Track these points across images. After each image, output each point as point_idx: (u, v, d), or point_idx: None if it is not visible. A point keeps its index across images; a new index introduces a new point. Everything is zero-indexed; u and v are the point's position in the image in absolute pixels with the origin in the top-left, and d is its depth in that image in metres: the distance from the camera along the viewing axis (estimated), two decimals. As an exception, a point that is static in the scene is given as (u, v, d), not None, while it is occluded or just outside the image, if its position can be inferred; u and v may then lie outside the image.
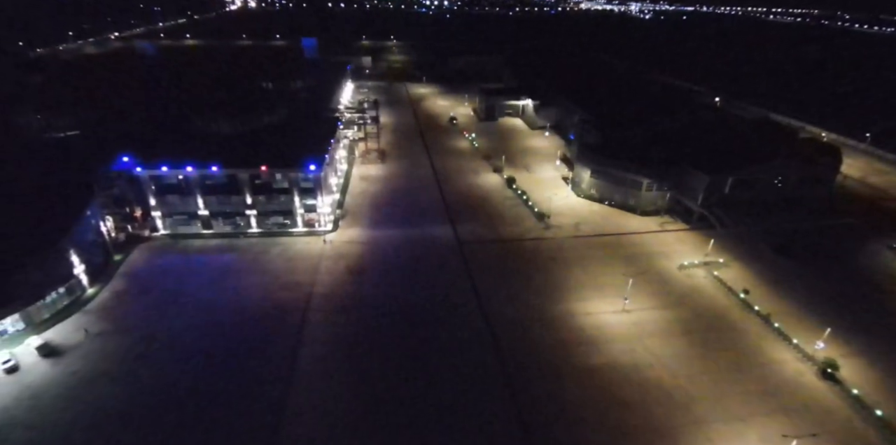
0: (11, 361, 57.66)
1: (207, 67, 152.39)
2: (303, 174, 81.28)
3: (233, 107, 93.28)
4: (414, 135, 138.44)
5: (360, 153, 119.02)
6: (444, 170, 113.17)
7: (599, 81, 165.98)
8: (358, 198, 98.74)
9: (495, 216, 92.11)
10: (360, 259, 78.01)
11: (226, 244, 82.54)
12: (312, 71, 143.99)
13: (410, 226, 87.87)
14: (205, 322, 63.68)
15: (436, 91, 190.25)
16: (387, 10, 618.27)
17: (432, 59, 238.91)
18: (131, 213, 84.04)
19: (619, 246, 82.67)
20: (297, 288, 70.61)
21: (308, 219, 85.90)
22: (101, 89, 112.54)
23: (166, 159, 79.40)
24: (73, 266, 68.80)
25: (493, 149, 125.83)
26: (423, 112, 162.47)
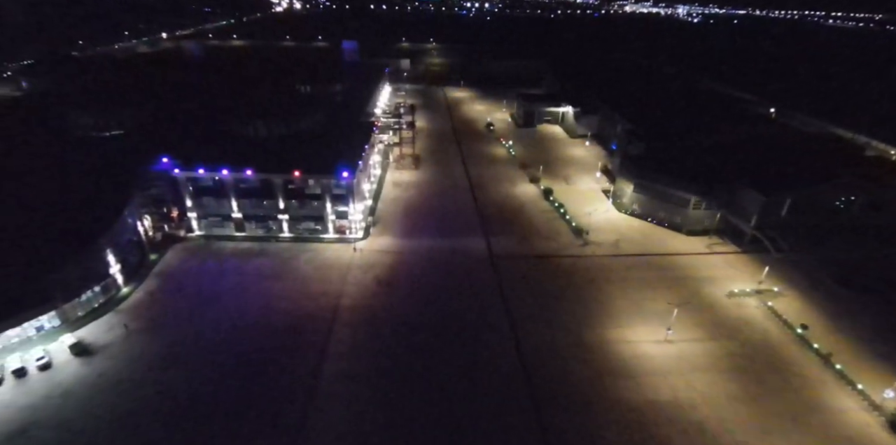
0: (45, 358, 58.70)
1: (249, 69, 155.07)
2: (335, 180, 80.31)
3: (270, 111, 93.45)
4: (449, 140, 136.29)
5: (395, 158, 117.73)
6: (479, 179, 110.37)
7: (644, 89, 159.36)
8: (390, 205, 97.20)
9: (530, 229, 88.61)
10: (389, 269, 76.18)
11: (257, 248, 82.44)
12: (351, 74, 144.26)
13: (442, 237, 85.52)
14: (232, 329, 63.20)
15: (473, 95, 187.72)
16: (427, 12, 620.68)
17: (471, 62, 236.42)
18: (168, 213, 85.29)
19: (663, 267, 77.70)
20: (324, 298, 69.37)
21: (339, 225, 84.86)
22: (146, 89, 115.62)
23: (203, 162, 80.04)
24: (109, 265, 69.88)
25: (531, 157, 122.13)
26: (459, 117, 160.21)
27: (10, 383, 56.14)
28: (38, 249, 64.57)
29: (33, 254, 63.67)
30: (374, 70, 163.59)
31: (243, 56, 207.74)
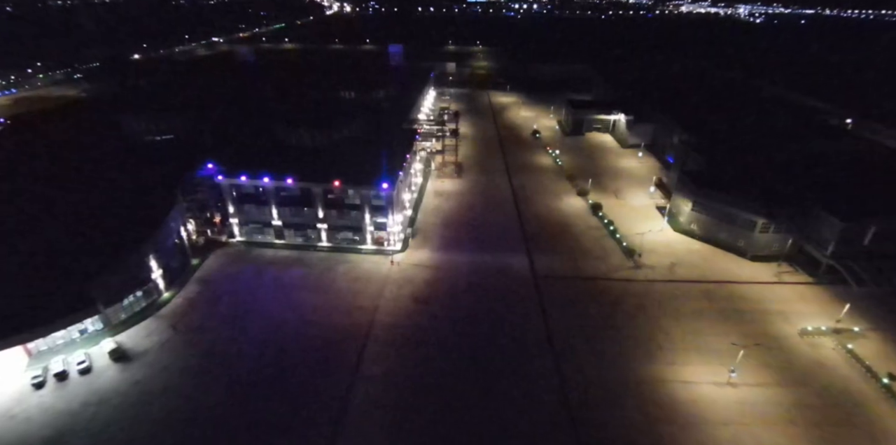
0: (86, 363, 59.59)
1: (296, 75, 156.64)
2: (375, 191, 78.35)
3: (314, 119, 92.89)
4: (494, 148, 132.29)
5: (437, 166, 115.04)
6: (524, 190, 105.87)
7: (704, 96, 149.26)
8: (430, 216, 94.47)
9: (577, 247, 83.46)
10: (426, 286, 73.31)
11: (295, 256, 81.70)
12: (396, 78, 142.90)
13: (483, 252, 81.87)
14: (266, 342, 62.20)
15: (519, 100, 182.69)
16: (474, 14, 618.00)
17: (517, 65, 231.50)
18: (211, 218, 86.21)
19: (724, 297, 70.80)
20: (359, 313, 67.32)
21: (377, 236, 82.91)
22: (196, 94, 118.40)
23: (246, 169, 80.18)
24: (151, 269, 70.67)
25: (579, 168, 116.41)
26: (504, 123, 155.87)
27: (52, 386, 57.18)
28: (85, 252, 66.01)
29: (80, 257, 65.12)
30: (419, 74, 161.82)
31: (292, 60, 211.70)
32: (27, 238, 68.54)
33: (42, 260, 65.07)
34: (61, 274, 62.81)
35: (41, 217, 72.65)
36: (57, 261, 64.71)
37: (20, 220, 72.08)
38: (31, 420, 52.45)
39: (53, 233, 69.49)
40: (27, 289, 61.18)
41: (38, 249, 66.69)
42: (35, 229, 70.19)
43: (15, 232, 69.76)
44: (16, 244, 67.42)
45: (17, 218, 72.61)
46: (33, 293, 60.95)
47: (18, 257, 65.24)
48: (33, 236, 68.95)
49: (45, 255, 65.70)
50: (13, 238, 68.53)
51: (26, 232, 69.66)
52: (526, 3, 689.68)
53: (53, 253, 66.07)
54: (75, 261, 64.40)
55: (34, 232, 69.56)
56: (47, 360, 60.53)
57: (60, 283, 61.64)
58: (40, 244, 67.60)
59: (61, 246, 67.15)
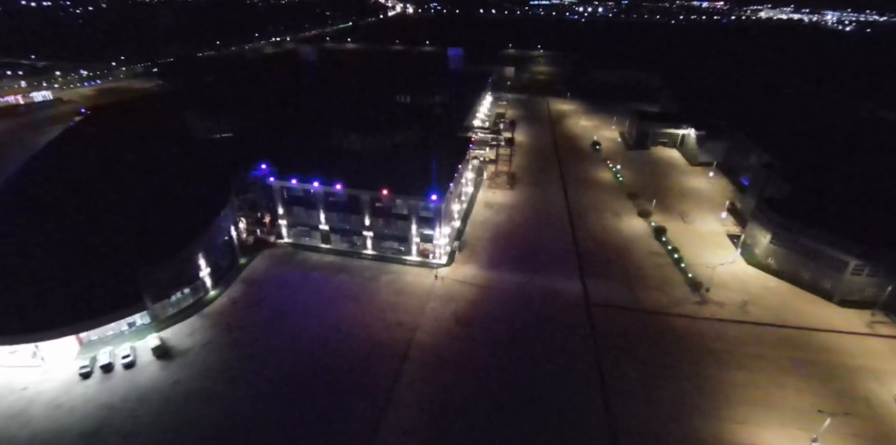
0: (130, 357, 60.51)
1: (356, 75, 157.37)
2: (423, 203, 75.52)
3: (367, 124, 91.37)
4: (550, 159, 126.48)
5: (489, 175, 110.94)
6: (580, 206, 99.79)
7: (788, 113, 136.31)
8: (479, 228, 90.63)
9: (636, 275, 76.94)
10: (470, 305, 69.58)
11: (339, 262, 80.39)
12: (453, 83, 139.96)
13: (533, 272, 77.10)
14: (303, 352, 60.78)
15: (580, 108, 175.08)
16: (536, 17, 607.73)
17: (579, 72, 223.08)
18: (262, 219, 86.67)
19: (805, 346, 62.40)
20: (399, 329, 64.62)
21: (423, 248, 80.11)
22: (257, 94, 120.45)
23: (297, 172, 79.79)
24: (200, 268, 71.26)
25: (642, 185, 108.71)
26: (562, 132, 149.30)
27: (97, 377, 58.33)
28: (139, 245, 67.32)
29: (133, 250, 66.43)
30: (476, 79, 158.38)
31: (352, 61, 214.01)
32: (85, 229, 70.89)
33: (98, 251, 66.90)
34: (114, 266, 64.16)
35: (101, 209, 75.01)
36: (111, 253, 66.34)
37: (81, 211, 74.76)
38: (74, 412, 53.41)
39: (111, 225, 71.50)
40: (81, 281, 63.01)
41: (95, 241, 68.70)
42: (94, 220, 72.50)
43: (75, 222, 72.37)
44: (74, 235, 69.81)
45: (78, 209, 75.36)
46: (87, 285, 62.69)
47: (76, 248, 67.40)
48: (91, 227, 71.22)
49: (100, 247, 67.53)
50: (73, 229, 71.05)
51: (86, 223, 72.09)
52: (591, 6, 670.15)
53: (109, 244, 67.82)
54: (129, 255, 65.71)
55: (93, 224, 71.84)
56: (96, 350, 61.99)
57: (113, 276, 62.94)
58: (97, 235, 69.65)
59: (117, 238, 68.87)
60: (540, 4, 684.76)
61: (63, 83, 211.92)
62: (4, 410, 53.57)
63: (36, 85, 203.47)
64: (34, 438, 50.23)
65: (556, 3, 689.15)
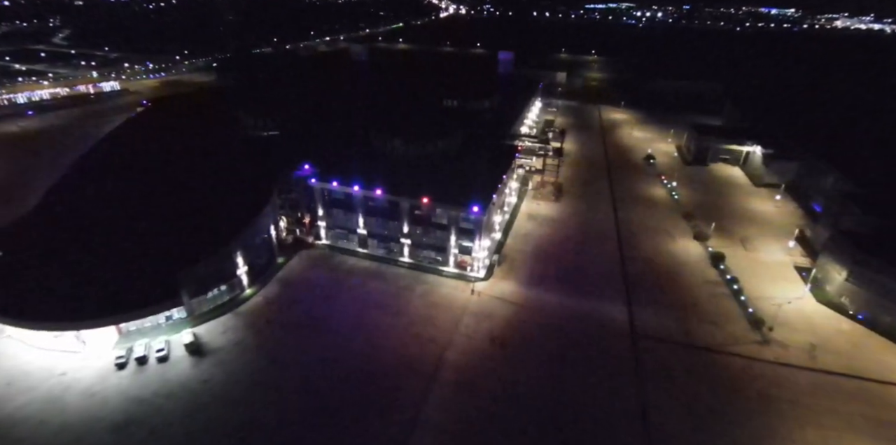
0: (164, 351, 61.03)
1: (404, 76, 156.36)
2: (464, 214, 72.59)
3: (412, 129, 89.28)
4: (599, 170, 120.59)
5: (535, 186, 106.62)
6: (630, 224, 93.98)
7: (868, 133, 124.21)
8: (520, 242, 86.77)
9: (689, 305, 71.00)
10: (506, 325, 66.10)
11: (375, 269, 78.81)
12: (502, 88, 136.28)
13: (575, 293, 72.67)
14: (331, 361, 59.51)
15: (634, 118, 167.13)
16: (592, 21, 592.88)
17: (635, 79, 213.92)
18: (301, 219, 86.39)
19: (885, 403, 55.07)
20: (431, 345, 62.06)
21: (461, 260, 77.22)
22: (306, 92, 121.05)
23: (338, 175, 78.95)
24: (238, 266, 71.36)
25: (699, 205, 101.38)
26: (614, 143, 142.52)
27: (132, 369, 59.07)
28: (180, 240, 68.00)
29: (175, 244, 67.17)
30: (526, 85, 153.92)
31: (401, 62, 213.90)
32: (133, 220, 72.42)
33: (142, 243, 68.11)
34: (157, 260, 64.99)
35: (150, 201, 76.57)
36: (155, 246, 67.35)
37: (131, 202, 76.57)
38: (106, 402, 54.07)
39: (157, 217, 72.80)
40: (125, 272, 64.16)
41: (140, 232, 70.04)
42: (139, 214, 74.02)
43: (124, 213, 74.12)
44: (122, 226, 71.43)
45: (129, 200, 77.22)
46: (129, 277, 63.76)
47: (122, 238, 68.87)
48: (136, 221, 72.68)
49: (145, 238, 68.77)
50: (121, 219, 72.76)
51: (134, 214, 73.68)
52: (649, 11, 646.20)
53: (153, 236, 68.96)
54: (171, 248, 66.54)
55: (138, 217, 73.33)
56: (133, 341, 62.97)
57: (154, 270, 63.69)
58: (143, 227, 70.98)
59: (162, 231, 69.98)
60: (595, 8, 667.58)
61: (131, 74, 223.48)
62: (43, 394, 54.93)
63: (106, 75, 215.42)
64: (66, 427, 51.03)
65: (612, 6, 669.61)
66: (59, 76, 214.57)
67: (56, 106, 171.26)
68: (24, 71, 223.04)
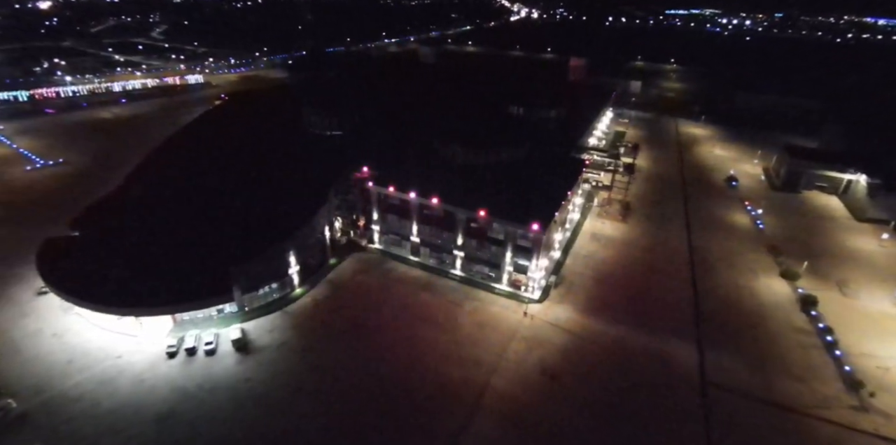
0: (213, 344, 61.76)
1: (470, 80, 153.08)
2: (522, 231, 68.18)
3: (475, 136, 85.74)
4: (673, 190, 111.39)
5: (600, 202, 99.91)
6: (705, 252, 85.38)
7: None
8: (580, 264, 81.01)
9: (771, 354, 62.58)
10: (559, 355, 61.16)
11: (425, 279, 76.30)
12: (573, 96, 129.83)
13: (639, 326, 66.32)
14: (372, 373, 57.65)
15: (715, 134, 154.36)
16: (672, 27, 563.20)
17: (718, 92, 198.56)
18: (356, 221, 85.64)
19: None
20: (475, 369, 58.47)
21: (515, 279, 72.94)
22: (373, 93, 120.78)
23: (396, 179, 77.24)
24: (290, 264, 71.29)
25: (788, 238, 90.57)
26: (691, 160, 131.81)
27: (181, 359, 60.29)
28: (237, 236, 68.75)
29: (232, 239, 67.95)
30: (598, 93, 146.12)
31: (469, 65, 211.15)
32: (194, 213, 74.30)
33: (202, 235, 69.57)
34: (214, 254, 65.93)
35: (212, 194, 78.39)
36: (213, 239, 68.54)
37: (194, 195, 78.72)
38: (154, 391, 55.16)
39: (217, 211, 74.27)
40: (184, 263, 65.62)
41: (201, 225, 71.63)
42: (203, 205, 75.85)
43: (187, 205, 76.28)
44: (185, 217, 73.43)
45: (192, 192, 79.46)
46: (187, 267, 65.13)
47: (183, 229, 70.69)
48: (200, 212, 74.50)
49: (205, 232, 70.22)
50: (184, 211, 74.86)
51: (195, 207, 75.62)
52: (737, 18, 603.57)
53: (212, 230, 70.31)
54: (229, 243, 67.44)
55: (202, 208, 75.15)
56: (185, 331, 64.28)
57: (211, 262, 64.55)
58: (205, 220, 72.58)
59: (221, 225, 71.25)
60: (677, 14, 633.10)
61: (214, 68, 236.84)
62: (98, 374, 56.92)
63: (192, 68, 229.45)
64: (114, 411, 52.38)
65: (695, 13, 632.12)
66: (151, 67, 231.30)
67: (145, 95, 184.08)
68: (122, 62, 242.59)
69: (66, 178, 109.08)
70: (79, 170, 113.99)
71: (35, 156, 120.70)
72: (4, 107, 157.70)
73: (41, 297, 68.28)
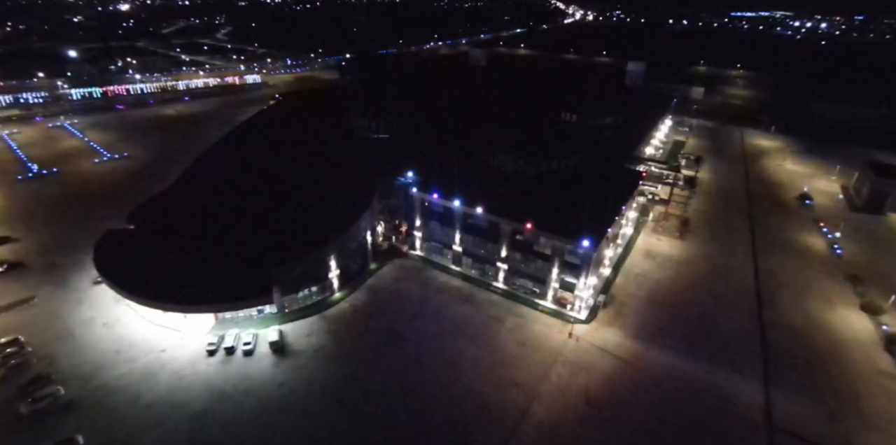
0: (251, 345, 61.93)
1: (521, 84, 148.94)
2: (572, 246, 64.17)
3: (524, 144, 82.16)
4: (737, 207, 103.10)
5: (656, 217, 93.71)
6: (774, 278, 77.88)
7: None
8: (633, 283, 75.84)
9: (850, 398, 55.55)
10: (606, 383, 56.87)
11: (466, 290, 73.77)
12: (629, 102, 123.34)
13: (696, 357, 60.80)
14: (408, 388, 55.66)
15: (785, 147, 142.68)
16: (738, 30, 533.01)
17: (788, 100, 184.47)
18: (398, 226, 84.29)
19: None
20: (513, 392, 55.27)
21: (561, 296, 69.01)
22: (422, 95, 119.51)
23: (439, 186, 75.19)
24: (331, 268, 70.74)
25: (870, 266, 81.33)
26: (758, 175, 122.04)
27: (220, 357, 60.68)
28: (283, 237, 68.79)
29: (277, 242, 67.98)
30: (657, 101, 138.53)
31: (520, 68, 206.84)
32: (241, 212, 75.11)
33: (247, 234, 70.09)
34: (257, 255, 66.12)
35: (259, 194, 79.14)
36: (257, 239, 68.88)
37: (242, 195, 79.70)
38: (191, 389, 55.62)
39: (264, 211, 74.80)
40: (228, 261, 66.22)
41: (247, 224, 72.26)
42: (250, 205, 76.61)
43: (235, 204, 77.26)
44: (232, 216, 74.35)
45: (240, 192, 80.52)
46: (232, 266, 65.67)
47: (230, 228, 71.50)
48: (246, 211, 75.25)
49: (250, 230, 70.73)
50: (231, 210, 75.84)
51: (242, 206, 76.46)
52: (811, 21, 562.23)
53: (257, 230, 70.70)
54: (272, 242, 67.62)
55: (249, 208, 75.90)
56: (226, 329, 64.91)
57: (254, 262, 64.76)
58: (250, 220, 73.20)
59: (266, 225, 71.59)
60: (743, 16, 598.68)
61: (271, 69, 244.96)
62: (142, 367, 58.21)
63: (251, 68, 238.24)
64: (152, 406, 53.16)
65: (764, 15, 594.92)
66: (214, 67, 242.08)
67: (206, 94, 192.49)
68: (188, 61, 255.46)
69: (130, 172, 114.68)
70: (141, 164, 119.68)
71: (103, 150, 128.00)
72: (81, 102, 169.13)
73: (97, 286, 71.07)
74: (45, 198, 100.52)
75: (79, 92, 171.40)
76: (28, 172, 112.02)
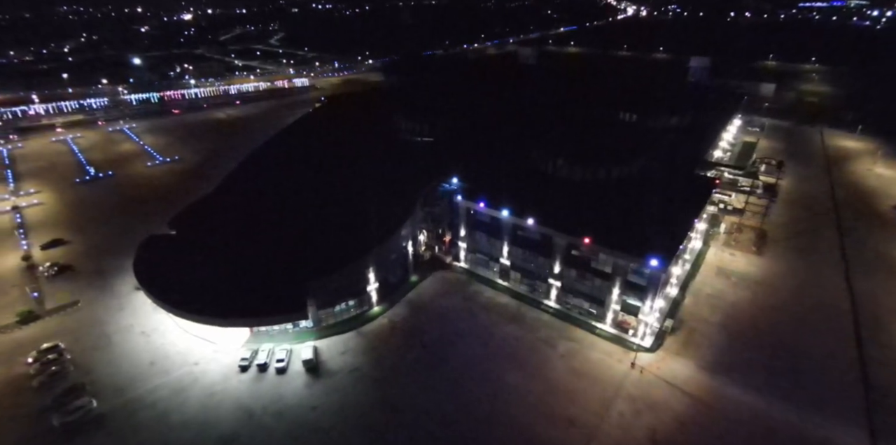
0: (284, 362, 58.76)
1: (574, 84, 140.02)
2: (637, 265, 56.67)
3: (580, 149, 74.91)
4: (822, 217, 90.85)
5: (729, 229, 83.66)
6: (873, 302, 66.75)
7: None
8: (704, 306, 67.03)
9: None
10: (676, 425, 49.25)
11: (514, 308, 67.73)
12: (694, 101, 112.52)
13: (783, 397, 51.95)
14: (448, 420, 50.42)
15: (877, 149, 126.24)
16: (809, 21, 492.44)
17: (875, 96, 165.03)
18: (442, 236, 79.33)
19: None
20: (569, 431, 48.83)
21: (622, 320, 61.59)
22: (469, 97, 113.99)
23: (487, 194, 69.45)
24: (369, 281, 66.83)
25: None
26: (845, 181, 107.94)
27: (251, 374, 57.99)
28: (321, 248, 65.52)
29: (315, 252, 64.84)
30: (727, 99, 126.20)
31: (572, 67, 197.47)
32: (281, 220, 72.57)
33: (285, 245, 67.33)
34: (293, 268, 63.14)
35: (301, 201, 76.44)
36: (296, 249, 65.96)
37: (284, 202, 77.31)
38: (221, 408, 53.21)
39: (304, 219, 71.94)
40: (265, 273, 63.50)
41: (286, 234, 69.54)
42: (291, 213, 73.96)
43: (276, 212, 74.87)
44: (272, 225, 71.89)
45: (282, 199, 78.17)
46: (268, 279, 62.87)
47: (269, 238, 68.95)
48: (287, 220, 72.63)
49: (289, 241, 67.94)
50: (272, 218, 73.45)
51: (283, 214, 73.91)
52: (891, 10, 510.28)
53: (296, 240, 67.79)
54: (310, 253, 64.57)
55: (289, 216, 73.26)
56: (261, 342, 62.35)
57: (291, 275, 61.73)
58: (287, 230, 70.47)
59: (305, 234, 68.59)
60: (813, 6, 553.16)
61: (319, 72, 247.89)
62: (174, 382, 56.42)
63: (299, 72, 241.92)
64: (181, 425, 51.10)
65: (836, 6, 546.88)
66: (265, 71, 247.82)
67: (257, 97, 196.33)
68: (240, 66, 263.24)
69: (179, 175, 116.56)
70: (191, 167, 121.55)
71: (156, 153, 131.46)
72: (139, 107, 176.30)
73: (137, 292, 70.55)
74: (98, 200, 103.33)
75: (138, 97, 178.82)
76: (86, 175, 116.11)
